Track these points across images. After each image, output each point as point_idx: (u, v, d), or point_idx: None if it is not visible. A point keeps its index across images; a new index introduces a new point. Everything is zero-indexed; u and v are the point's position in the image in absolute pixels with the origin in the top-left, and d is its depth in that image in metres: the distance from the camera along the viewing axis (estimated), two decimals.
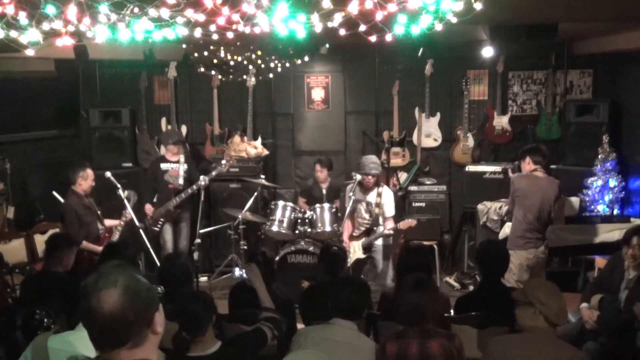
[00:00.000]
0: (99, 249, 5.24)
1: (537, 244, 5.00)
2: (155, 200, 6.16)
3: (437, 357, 2.86)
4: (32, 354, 2.49)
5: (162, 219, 6.05)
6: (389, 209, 5.53)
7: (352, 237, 5.69)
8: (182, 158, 6.25)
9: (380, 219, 5.55)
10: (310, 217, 6.07)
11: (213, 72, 6.84)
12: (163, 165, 6.21)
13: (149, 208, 6.05)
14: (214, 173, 5.89)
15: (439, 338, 2.91)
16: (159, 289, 1.60)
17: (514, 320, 3.00)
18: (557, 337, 2.89)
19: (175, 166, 6.20)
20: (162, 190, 6.17)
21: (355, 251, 5.62)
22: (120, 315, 1.48)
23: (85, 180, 5.40)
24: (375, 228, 5.57)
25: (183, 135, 6.72)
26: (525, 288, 2.98)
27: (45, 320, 2.75)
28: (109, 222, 5.68)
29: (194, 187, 5.85)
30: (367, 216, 5.56)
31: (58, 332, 2.47)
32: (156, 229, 6.02)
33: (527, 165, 5.17)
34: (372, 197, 5.53)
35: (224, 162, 5.97)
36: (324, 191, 6.38)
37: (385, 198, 5.51)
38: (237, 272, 6.27)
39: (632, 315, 3.69)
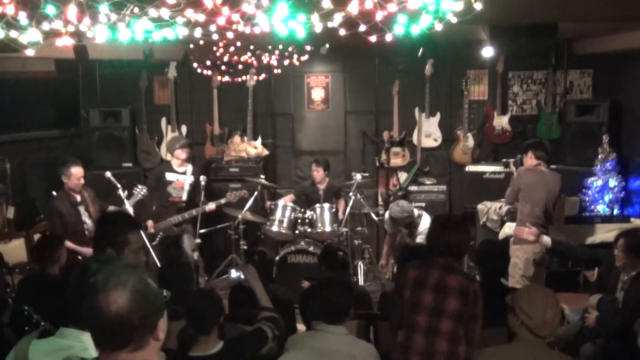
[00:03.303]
0: (81, 249, 5.15)
1: None
2: (154, 208, 5.99)
3: (453, 289, 2.98)
4: None
5: (160, 233, 5.84)
6: (421, 238, 5.66)
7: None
8: (189, 169, 6.07)
9: None
10: (310, 217, 6.07)
11: (212, 72, 6.87)
12: (168, 175, 6.02)
13: (150, 224, 5.79)
14: (222, 201, 5.86)
15: (460, 275, 3.04)
16: (164, 292, 1.58)
17: None
18: (549, 348, 2.74)
19: (182, 178, 6.01)
20: (163, 202, 6.00)
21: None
22: (126, 317, 1.47)
23: (68, 179, 5.27)
24: None
25: (188, 140, 6.39)
26: (517, 292, 2.85)
27: (35, 316, 2.73)
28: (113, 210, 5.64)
29: (199, 209, 5.67)
30: (403, 241, 5.88)
31: (45, 334, 2.42)
32: (154, 243, 5.69)
33: (530, 159, 5.15)
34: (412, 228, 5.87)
35: (229, 194, 5.94)
36: (321, 192, 6.36)
37: (421, 228, 5.74)
38: (234, 273, 6.22)
39: (630, 316, 3.70)
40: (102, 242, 2.69)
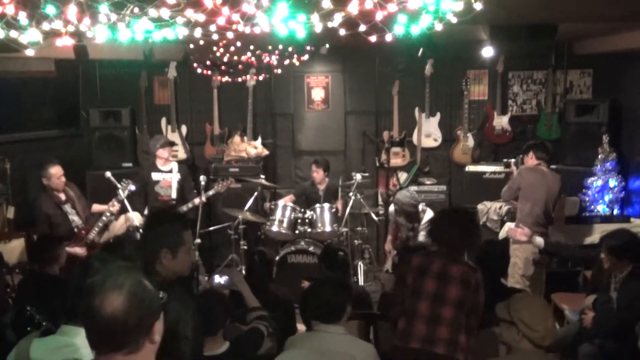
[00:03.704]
0: (73, 249, 5.16)
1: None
2: (146, 212, 5.95)
3: (455, 278, 3.03)
4: None
5: None
6: (421, 236, 5.59)
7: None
8: (175, 167, 6.07)
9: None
10: (310, 217, 6.07)
11: (212, 72, 6.87)
12: (154, 175, 6.00)
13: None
14: (210, 193, 5.83)
15: (463, 265, 3.09)
16: (160, 294, 1.58)
17: None
18: (547, 356, 2.71)
19: (168, 176, 5.99)
20: (152, 202, 5.98)
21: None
22: (121, 320, 1.46)
23: (49, 181, 5.29)
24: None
25: (169, 139, 6.41)
26: (510, 305, 2.75)
27: (37, 316, 2.73)
28: (98, 207, 5.62)
29: (189, 204, 5.71)
30: (403, 236, 5.87)
31: (47, 334, 2.43)
32: None
33: (530, 160, 5.19)
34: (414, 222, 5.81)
35: (220, 182, 5.89)
36: (321, 192, 6.36)
37: (423, 224, 5.64)
38: (217, 278, 6.15)
39: (627, 317, 3.71)
40: (156, 244, 2.47)
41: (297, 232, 6.11)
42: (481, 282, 3.05)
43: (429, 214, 5.76)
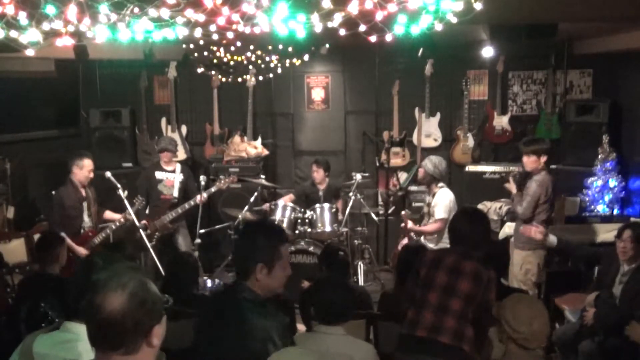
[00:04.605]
0: (77, 248, 5.15)
1: None
2: (147, 211, 5.96)
3: (467, 274, 3.05)
4: (20, 358, 2.47)
5: (157, 233, 5.79)
6: (438, 211, 5.40)
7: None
8: (178, 167, 6.09)
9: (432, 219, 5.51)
10: (310, 217, 6.07)
11: (213, 72, 6.88)
12: (158, 174, 6.03)
13: (147, 223, 5.68)
14: (212, 189, 5.83)
15: (476, 262, 3.10)
16: (165, 297, 1.58)
17: None
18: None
19: (171, 176, 6.02)
20: (155, 201, 5.99)
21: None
22: (119, 320, 1.47)
23: (80, 170, 5.26)
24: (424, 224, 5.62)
25: (174, 142, 6.30)
26: (501, 304, 2.68)
27: (50, 313, 2.75)
28: (109, 215, 5.63)
29: (191, 202, 5.73)
30: (423, 212, 5.73)
31: (52, 330, 2.45)
32: (152, 243, 5.56)
33: (542, 163, 4.86)
34: (430, 197, 5.58)
35: (222, 177, 5.90)
36: (321, 193, 6.35)
37: (437, 200, 5.44)
38: (209, 283, 6.11)
39: (628, 311, 3.72)
40: (251, 259, 2.32)
41: (297, 232, 6.10)
42: (494, 281, 3.08)
43: (442, 193, 5.47)
